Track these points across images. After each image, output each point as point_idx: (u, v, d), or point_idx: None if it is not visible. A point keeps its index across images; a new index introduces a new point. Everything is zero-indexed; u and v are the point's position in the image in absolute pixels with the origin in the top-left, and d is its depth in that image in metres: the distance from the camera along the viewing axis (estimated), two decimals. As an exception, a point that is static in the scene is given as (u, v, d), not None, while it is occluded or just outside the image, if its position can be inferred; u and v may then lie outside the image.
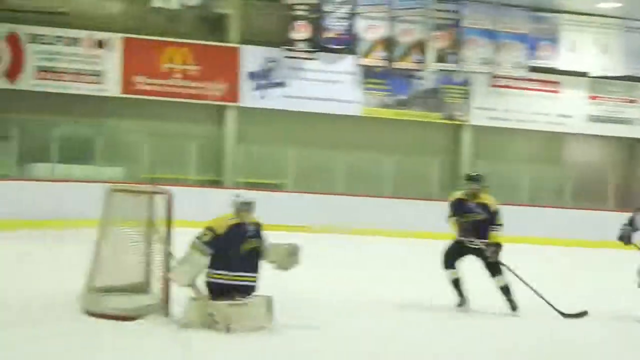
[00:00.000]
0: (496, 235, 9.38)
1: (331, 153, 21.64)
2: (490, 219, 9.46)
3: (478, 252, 9.43)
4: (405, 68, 23.15)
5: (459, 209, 9.63)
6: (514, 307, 9.39)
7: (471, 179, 9.82)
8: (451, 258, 9.57)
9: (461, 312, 9.43)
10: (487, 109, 23.96)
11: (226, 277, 7.62)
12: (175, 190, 8.56)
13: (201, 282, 7.70)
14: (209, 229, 7.79)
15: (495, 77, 23.80)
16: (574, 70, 24.01)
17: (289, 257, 8.08)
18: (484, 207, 9.55)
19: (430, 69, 23.16)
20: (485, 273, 9.49)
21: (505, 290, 9.43)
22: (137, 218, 8.34)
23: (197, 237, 7.77)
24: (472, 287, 9.62)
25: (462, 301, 9.54)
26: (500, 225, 9.44)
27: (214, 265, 7.64)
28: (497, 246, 9.34)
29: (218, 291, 7.59)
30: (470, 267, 9.71)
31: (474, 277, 9.68)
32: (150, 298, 7.99)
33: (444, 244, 9.78)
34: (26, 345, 6.54)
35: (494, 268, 9.42)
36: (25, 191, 13.17)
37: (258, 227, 7.99)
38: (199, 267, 7.63)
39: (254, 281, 7.79)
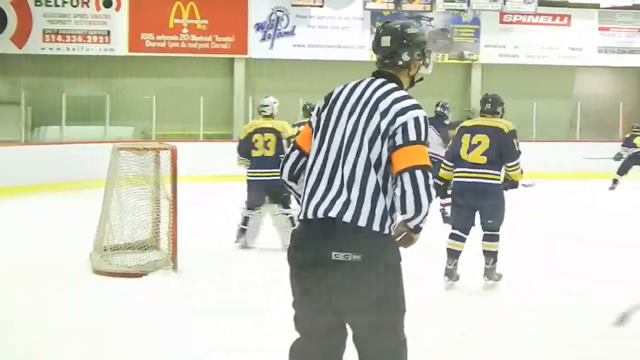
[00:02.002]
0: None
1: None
2: None
3: None
4: (414, 10, 22.96)
5: None
6: None
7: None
8: None
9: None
10: (497, 46, 23.86)
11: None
12: (185, 145, 8.64)
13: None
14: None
15: (504, 13, 23.60)
16: (583, 2, 23.75)
17: None
18: None
19: (438, 9, 22.96)
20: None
21: None
22: (143, 175, 8.40)
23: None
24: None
25: None
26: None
27: None
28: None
29: None
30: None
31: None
32: (158, 254, 8.08)
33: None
34: (37, 303, 6.66)
35: None
36: (37, 154, 13.27)
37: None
38: None
39: None
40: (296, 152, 3.66)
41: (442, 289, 7.32)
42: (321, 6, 22.36)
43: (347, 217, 3.27)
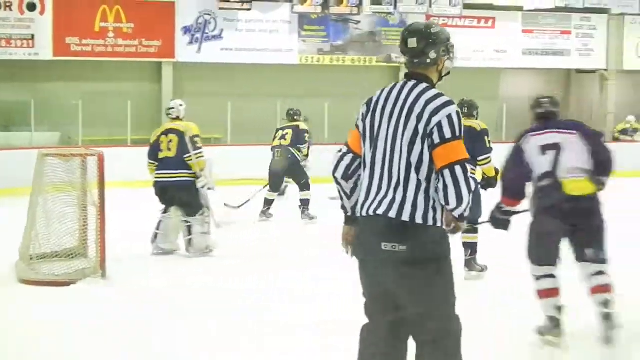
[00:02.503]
0: None
1: (270, 103, 21.56)
2: None
3: None
4: (341, 13, 23.08)
5: None
6: None
7: None
8: None
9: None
10: (424, 49, 24.02)
11: None
12: (112, 151, 8.59)
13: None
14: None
15: (430, 16, 23.84)
16: (508, 5, 24.15)
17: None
18: None
19: (365, 12, 23.13)
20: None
21: None
22: (70, 182, 8.30)
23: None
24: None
25: None
26: None
27: None
28: None
29: None
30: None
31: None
32: (86, 262, 7.98)
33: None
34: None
35: None
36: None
37: None
38: None
39: None
40: (350, 154, 4.02)
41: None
42: (249, 10, 22.32)
43: (392, 214, 3.69)
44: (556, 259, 5.73)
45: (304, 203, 12.59)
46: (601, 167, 5.73)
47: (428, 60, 3.94)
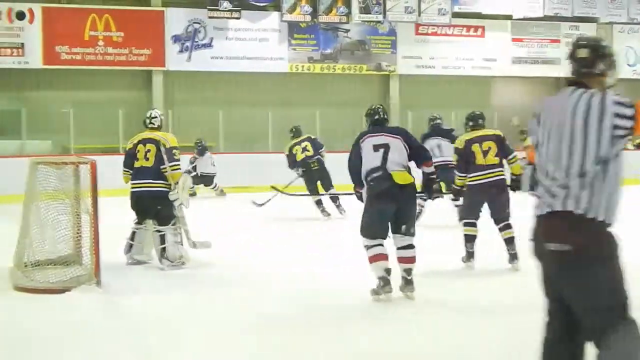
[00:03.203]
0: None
1: (262, 111, 21.60)
2: None
3: None
4: (330, 21, 23.16)
5: None
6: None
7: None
8: None
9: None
10: (414, 57, 24.21)
11: None
12: (104, 159, 8.60)
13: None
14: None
15: (420, 25, 23.96)
16: (497, 14, 24.26)
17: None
18: None
19: (355, 21, 23.21)
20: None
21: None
22: (63, 190, 8.28)
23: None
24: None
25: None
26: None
27: None
28: None
29: None
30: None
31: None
32: (80, 269, 7.97)
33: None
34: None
35: None
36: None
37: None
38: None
39: None
40: (531, 166, 4.29)
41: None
42: (238, 18, 22.39)
43: (566, 210, 3.79)
44: (386, 234, 7.20)
45: (335, 200, 13.94)
46: (420, 161, 7.43)
47: (596, 71, 4.02)
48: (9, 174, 12.80)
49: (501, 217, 8.62)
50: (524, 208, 5.47)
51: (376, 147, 7.30)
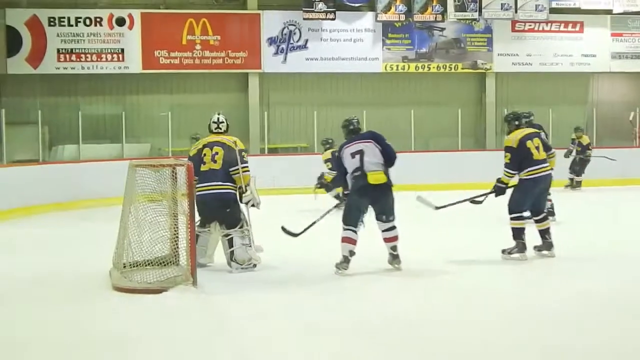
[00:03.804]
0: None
1: (355, 112, 21.56)
2: None
3: None
4: (425, 20, 23.01)
5: None
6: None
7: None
8: None
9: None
10: (510, 54, 23.86)
11: None
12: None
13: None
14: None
15: (516, 22, 23.61)
16: (595, 9, 23.71)
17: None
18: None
19: (450, 19, 22.99)
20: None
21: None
22: (160, 191, 8.41)
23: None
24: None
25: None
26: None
27: None
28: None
29: None
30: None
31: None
32: (177, 269, 8.09)
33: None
34: (58, 320, 6.70)
35: None
36: (54, 173, 13.33)
37: None
38: None
39: None
40: None
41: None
42: (333, 19, 22.43)
43: None
44: (358, 222, 8.61)
45: None
46: (389, 161, 8.67)
47: None
48: (110, 177, 13.10)
49: (543, 208, 9.62)
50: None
51: (353, 155, 8.66)
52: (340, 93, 23.04)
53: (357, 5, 22.83)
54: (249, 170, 9.07)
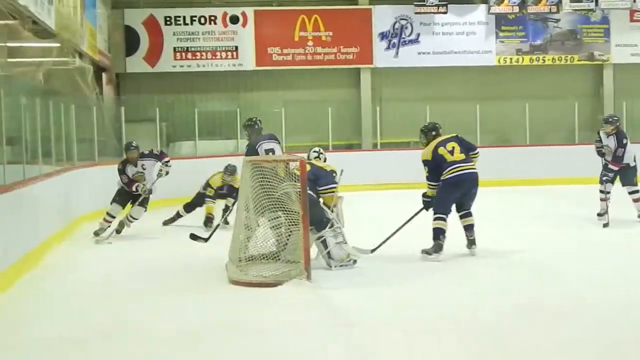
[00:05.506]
0: None
1: (469, 106, 21.36)
2: None
3: None
4: (540, 12, 22.62)
5: None
6: None
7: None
8: None
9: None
10: (629, 45, 23.25)
11: None
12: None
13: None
14: None
15: (635, 11, 22.97)
16: None
17: None
18: None
19: (566, 10, 22.53)
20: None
21: None
22: (274, 187, 8.52)
23: None
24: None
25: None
26: None
27: None
28: None
29: None
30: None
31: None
32: (291, 264, 8.19)
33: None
34: (178, 311, 6.90)
35: None
36: (174, 169, 13.54)
37: None
38: None
39: None
40: None
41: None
42: (445, 13, 22.28)
43: None
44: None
45: None
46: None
47: None
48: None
49: None
50: None
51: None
52: (453, 87, 22.84)
53: (469, -2, 22.69)
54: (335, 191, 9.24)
